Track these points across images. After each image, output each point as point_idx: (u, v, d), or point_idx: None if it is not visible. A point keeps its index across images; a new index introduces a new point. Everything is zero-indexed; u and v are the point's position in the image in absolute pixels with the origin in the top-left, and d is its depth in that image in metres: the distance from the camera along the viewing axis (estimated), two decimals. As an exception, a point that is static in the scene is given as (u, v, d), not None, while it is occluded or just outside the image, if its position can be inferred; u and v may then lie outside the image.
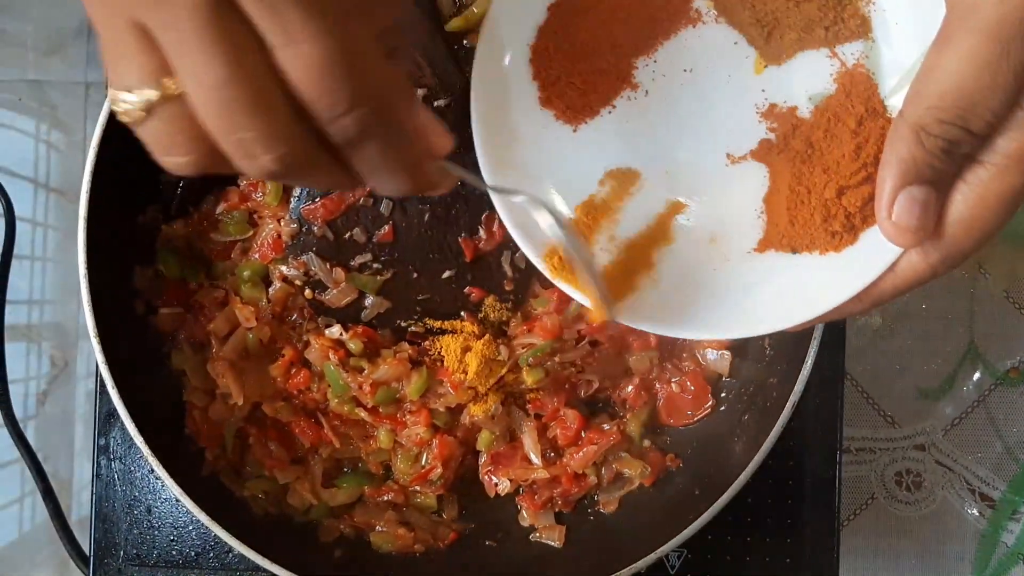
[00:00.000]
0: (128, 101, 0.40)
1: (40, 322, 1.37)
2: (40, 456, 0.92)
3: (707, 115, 0.64)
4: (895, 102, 0.59)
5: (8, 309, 0.92)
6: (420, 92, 0.78)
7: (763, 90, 0.63)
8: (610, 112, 0.65)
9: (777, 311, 0.61)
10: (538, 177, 0.65)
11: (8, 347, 0.91)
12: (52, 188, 1.31)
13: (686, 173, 0.65)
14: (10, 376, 0.92)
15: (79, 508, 1.34)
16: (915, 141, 0.50)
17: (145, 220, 0.83)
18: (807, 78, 0.62)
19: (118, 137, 0.77)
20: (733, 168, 0.64)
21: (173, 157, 0.42)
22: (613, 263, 0.63)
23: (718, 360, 0.86)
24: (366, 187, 0.46)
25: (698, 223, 0.64)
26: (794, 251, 0.61)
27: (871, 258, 0.57)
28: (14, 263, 0.93)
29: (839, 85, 0.62)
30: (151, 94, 0.40)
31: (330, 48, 0.39)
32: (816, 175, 0.60)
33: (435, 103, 0.79)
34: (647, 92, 0.65)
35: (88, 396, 1.36)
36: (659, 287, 0.63)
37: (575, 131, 0.65)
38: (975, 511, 1.13)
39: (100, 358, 0.76)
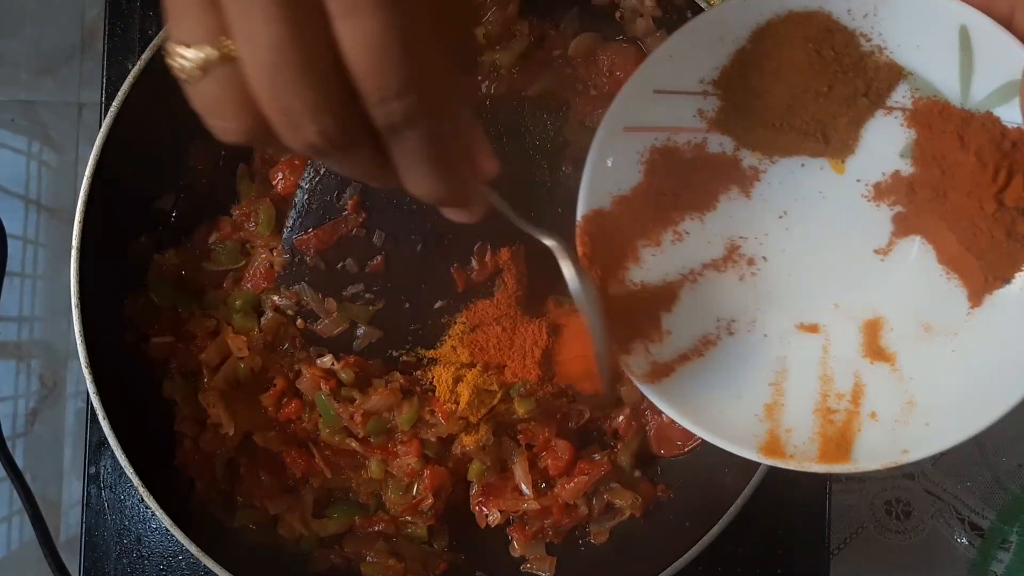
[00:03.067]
0: (186, 57, 0.40)
1: (30, 339, 1.37)
2: (29, 475, 0.91)
3: (829, 237, 0.63)
4: (973, 103, 0.58)
5: (-2, 326, 0.91)
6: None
7: (857, 180, 0.62)
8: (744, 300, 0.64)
9: None
10: (731, 397, 0.63)
11: (-4, 365, 0.91)
12: (43, 206, 1.31)
13: (853, 295, 0.63)
14: (-1, 395, 0.92)
15: (67, 529, 1.33)
16: None
17: (137, 249, 0.83)
18: (885, 144, 0.62)
19: (111, 166, 0.77)
20: (889, 259, 0.62)
21: (220, 121, 0.41)
22: (859, 419, 0.61)
23: (709, 391, 0.86)
24: (399, 184, 0.44)
25: (902, 325, 0.62)
26: (1006, 281, 0.59)
27: None
28: (4, 280, 0.92)
29: (915, 127, 0.61)
30: (209, 52, 0.39)
31: (390, 26, 0.38)
32: (964, 203, 0.58)
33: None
34: (765, 258, 0.64)
35: (78, 415, 1.35)
36: (918, 405, 0.60)
37: (733, 335, 0.64)
38: (964, 540, 1.13)
39: (91, 388, 0.76)
